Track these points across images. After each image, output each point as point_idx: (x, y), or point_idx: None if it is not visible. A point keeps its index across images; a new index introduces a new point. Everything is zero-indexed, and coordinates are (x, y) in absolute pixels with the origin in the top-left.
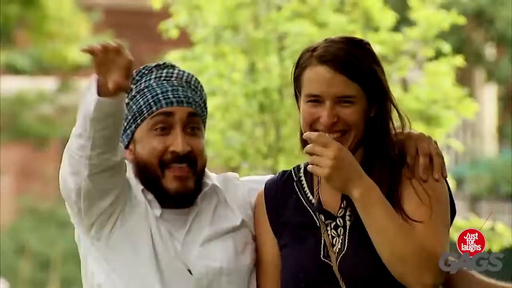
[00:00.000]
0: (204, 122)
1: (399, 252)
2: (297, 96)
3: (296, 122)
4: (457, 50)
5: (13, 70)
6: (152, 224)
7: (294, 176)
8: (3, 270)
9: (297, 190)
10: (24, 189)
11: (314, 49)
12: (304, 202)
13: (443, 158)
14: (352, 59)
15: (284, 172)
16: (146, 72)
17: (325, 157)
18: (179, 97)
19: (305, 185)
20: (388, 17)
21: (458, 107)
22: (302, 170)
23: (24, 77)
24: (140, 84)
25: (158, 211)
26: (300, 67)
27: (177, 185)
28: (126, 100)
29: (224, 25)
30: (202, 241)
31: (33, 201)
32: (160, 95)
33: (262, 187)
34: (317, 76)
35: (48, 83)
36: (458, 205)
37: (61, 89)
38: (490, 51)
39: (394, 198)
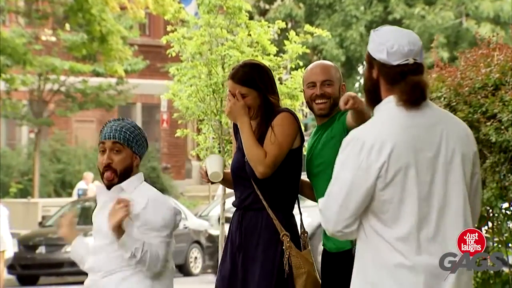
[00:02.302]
0: (129, 146)
1: (250, 155)
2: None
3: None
4: None
5: None
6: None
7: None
8: None
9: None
10: None
11: (233, 69)
12: None
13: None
14: (246, 75)
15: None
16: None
17: (227, 107)
18: (109, 135)
19: None
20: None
21: None
22: None
23: None
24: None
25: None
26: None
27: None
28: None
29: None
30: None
31: None
32: (104, 134)
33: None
34: (229, 83)
35: None
36: None
37: None
38: None
39: (264, 134)
